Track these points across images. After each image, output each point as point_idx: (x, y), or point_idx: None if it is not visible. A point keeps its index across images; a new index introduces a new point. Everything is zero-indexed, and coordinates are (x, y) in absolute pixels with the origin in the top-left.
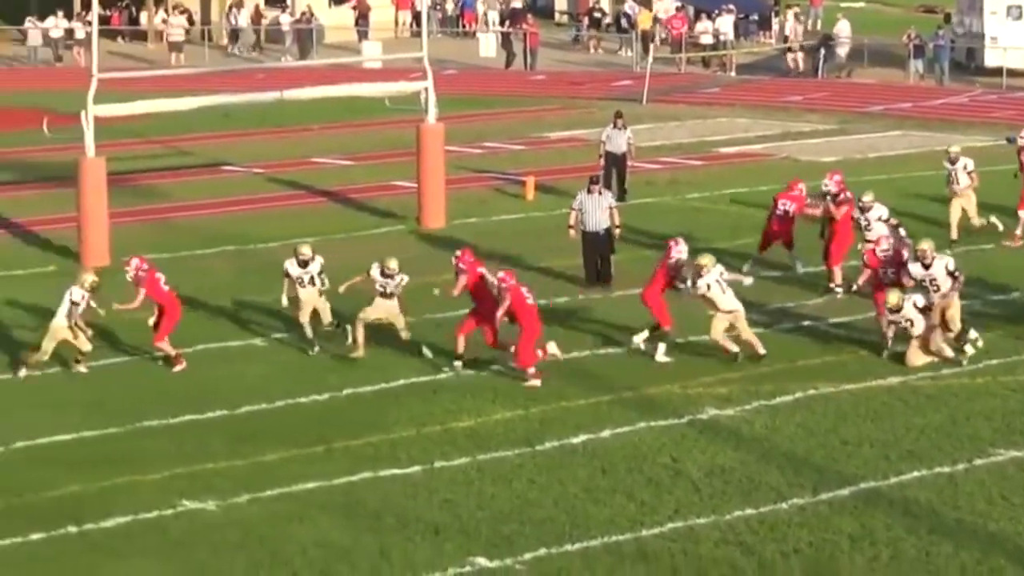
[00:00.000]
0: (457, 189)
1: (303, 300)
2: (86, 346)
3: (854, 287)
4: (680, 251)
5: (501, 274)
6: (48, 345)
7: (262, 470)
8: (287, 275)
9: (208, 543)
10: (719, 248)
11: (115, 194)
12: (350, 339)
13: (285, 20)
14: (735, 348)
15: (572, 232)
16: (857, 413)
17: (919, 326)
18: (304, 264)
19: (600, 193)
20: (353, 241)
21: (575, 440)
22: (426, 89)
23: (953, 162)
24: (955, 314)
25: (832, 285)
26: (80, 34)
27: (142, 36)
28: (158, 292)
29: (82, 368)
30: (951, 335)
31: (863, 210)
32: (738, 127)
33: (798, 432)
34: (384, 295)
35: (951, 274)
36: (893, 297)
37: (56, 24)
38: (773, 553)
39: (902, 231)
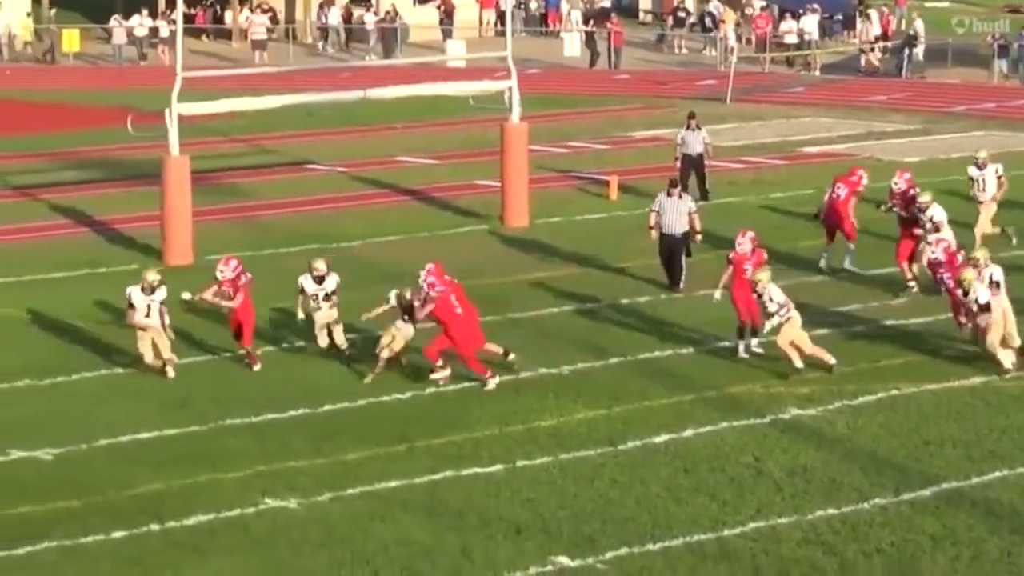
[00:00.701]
0: (540, 188)
1: (317, 320)
2: (165, 354)
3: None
4: (741, 244)
5: (430, 265)
6: (142, 346)
7: (344, 468)
8: (302, 291)
9: (290, 541)
10: (802, 246)
11: (198, 192)
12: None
13: (370, 19)
14: (800, 364)
15: (653, 233)
16: (939, 413)
17: (983, 317)
18: (320, 280)
19: (680, 196)
20: (436, 240)
21: (657, 439)
22: (510, 88)
23: (981, 167)
24: (1011, 328)
25: (907, 281)
26: (164, 32)
27: (226, 35)
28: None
29: (170, 371)
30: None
31: (920, 210)
32: (821, 127)
33: (880, 432)
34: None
35: (994, 284)
36: (968, 274)
37: (140, 23)
38: (855, 553)
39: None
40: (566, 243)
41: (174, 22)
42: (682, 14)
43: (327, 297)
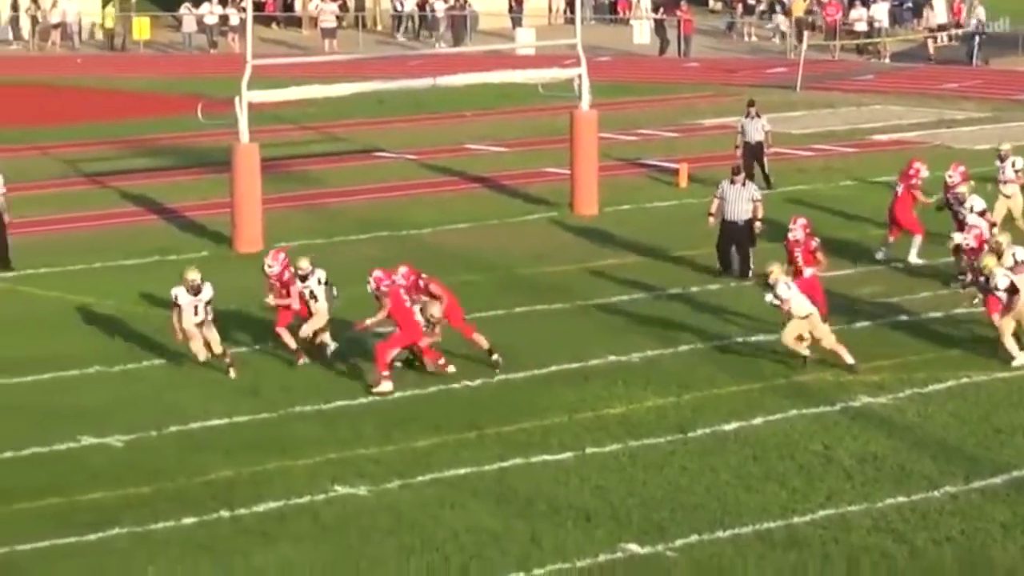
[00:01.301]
0: (610, 176)
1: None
2: (216, 348)
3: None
4: (793, 231)
5: (378, 273)
6: (195, 346)
7: (414, 455)
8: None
9: (359, 528)
10: (871, 235)
11: (268, 180)
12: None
13: (439, 7)
14: (806, 352)
15: (711, 220)
16: (1010, 401)
17: (1014, 300)
18: (304, 279)
19: (743, 184)
20: (505, 227)
21: (727, 427)
22: (580, 76)
23: (1003, 159)
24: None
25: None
26: (234, 20)
27: (296, 22)
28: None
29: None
30: None
31: (959, 202)
32: (892, 115)
33: (950, 420)
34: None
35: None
36: (988, 260)
37: (211, 10)
38: (925, 541)
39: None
40: (635, 231)
41: (244, 10)
42: (752, 1)
43: (313, 295)
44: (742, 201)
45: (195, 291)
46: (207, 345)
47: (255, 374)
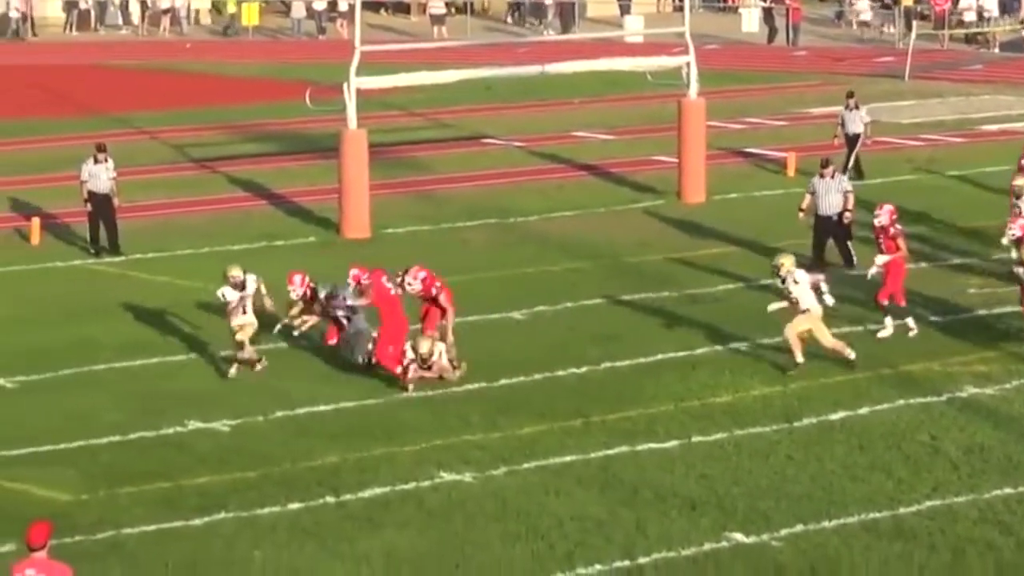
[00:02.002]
0: (717, 164)
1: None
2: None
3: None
4: (878, 217)
5: (354, 272)
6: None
7: (519, 442)
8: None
9: (464, 514)
10: (984, 224)
11: (376, 166)
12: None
13: None
14: (800, 359)
15: (801, 215)
16: None
17: None
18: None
19: (832, 177)
20: (612, 215)
21: (833, 417)
22: (688, 64)
23: (1019, 196)
24: None
25: None
26: (343, 7)
27: (405, 8)
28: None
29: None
30: None
31: (1017, 196)
32: (1001, 104)
33: None
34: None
35: None
36: None
37: None
38: None
39: None
40: (743, 219)
41: None
42: None
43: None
44: (832, 194)
45: (240, 287)
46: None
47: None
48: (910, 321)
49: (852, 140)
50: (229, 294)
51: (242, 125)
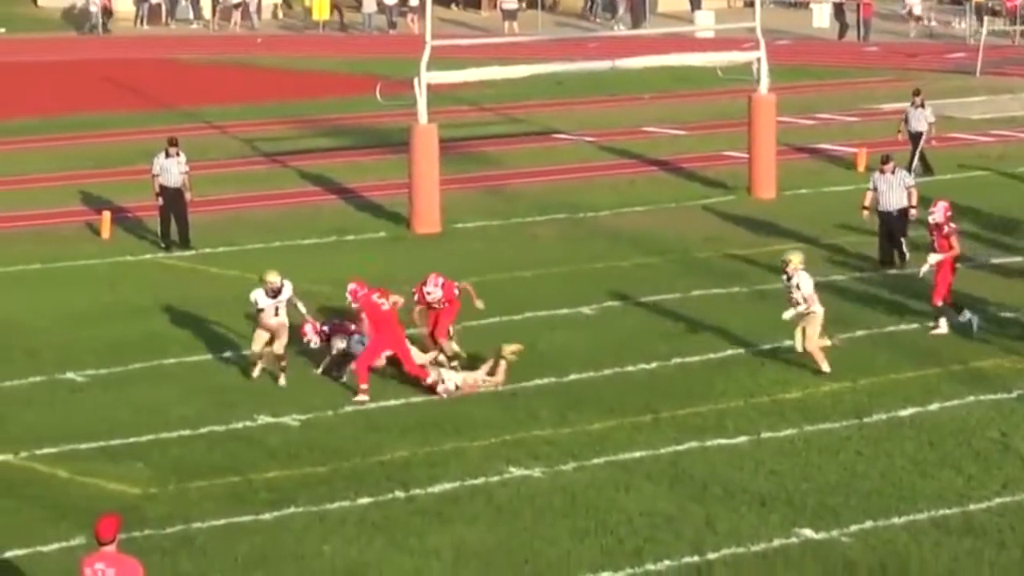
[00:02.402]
0: (787, 160)
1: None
2: (279, 350)
3: None
4: (933, 214)
5: (352, 286)
6: (257, 343)
7: (589, 438)
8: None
9: (533, 510)
10: None
11: (446, 161)
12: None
13: None
14: (826, 368)
15: (864, 212)
16: None
17: None
18: (277, 293)
19: (894, 173)
20: (683, 210)
21: (903, 413)
22: (758, 59)
23: None
24: None
25: None
26: (414, 1)
27: (475, 3)
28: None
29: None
30: None
31: None
32: None
33: None
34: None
35: None
36: None
37: None
38: None
39: None
40: (813, 215)
41: None
42: None
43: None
44: (894, 190)
45: (275, 293)
46: (270, 343)
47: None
48: (972, 319)
49: (916, 138)
50: (262, 299)
51: (313, 120)
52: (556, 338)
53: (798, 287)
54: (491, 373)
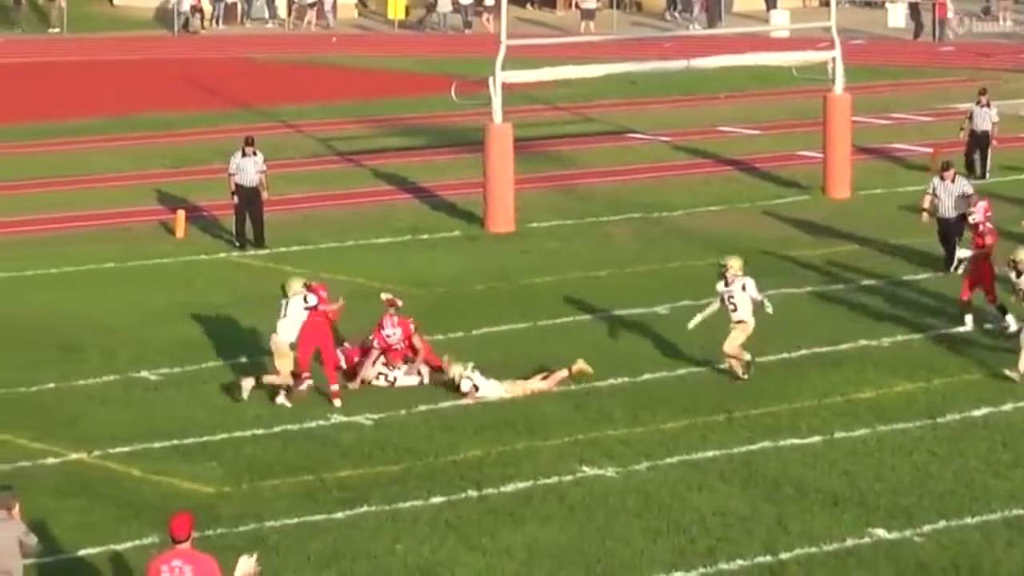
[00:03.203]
0: (862, 160)
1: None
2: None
3: None
4: (974, 215)
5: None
6: (283, 366)
7: (662, 437)
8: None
9: (606, 509)
10: None
11: (521, 160)
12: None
13: None
14: (744, 375)
15: (924, 216)
16: None
17: None
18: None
19: (953, 180)
20: (757, 210)
21: (976, 413)
22: (834, 59)
23: None
24: None
25: None
26: (490, 1)
27: (551, 3)
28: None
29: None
30: None
31: None
32: None
33: None
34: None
35: None
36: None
37: None
38: None
39: None
40: (887, 215)
41: None
42: None
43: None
44: (953, 197)
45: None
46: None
47: (503, 352)
48: (1009, 319)
49: (979, 137)
50: (309, 299)
51: (387, 119)
52: (630, 337)
53: (743, 289)
54: (544, 379)
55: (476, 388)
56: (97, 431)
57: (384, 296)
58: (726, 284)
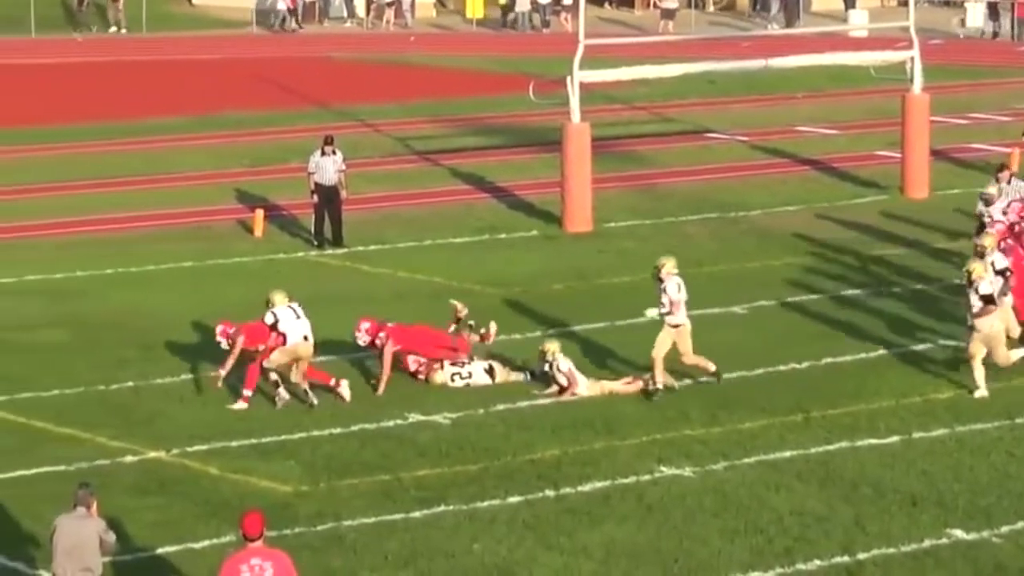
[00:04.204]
0: (941, 159)
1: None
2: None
3: None
4: (1008, 213)
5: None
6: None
7: (739, 437)
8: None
9: (684, 509)
10: None
11: (598, 159)
12: None
13: None
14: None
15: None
16: None
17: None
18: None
19: (1009, 182)
20: (835, 210)
21: None
22: (912, 59)
23: (988, 203)
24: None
25: None
26: (568, 0)
27: (629, 2)
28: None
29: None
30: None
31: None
32: None
33: None
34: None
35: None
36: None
37: None
38: None
39: None
40: (967, 214)
41: None
42: None
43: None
44: (1009, 199)
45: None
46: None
47: (579, 353)
48: None
49: None
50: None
51: (465, 118)
52: (707, 337)
53: (665, 291)
54: (628, 384)
55: (571, 371)
56: (175, 429)
57: (458, 309)
58: (661, 283)
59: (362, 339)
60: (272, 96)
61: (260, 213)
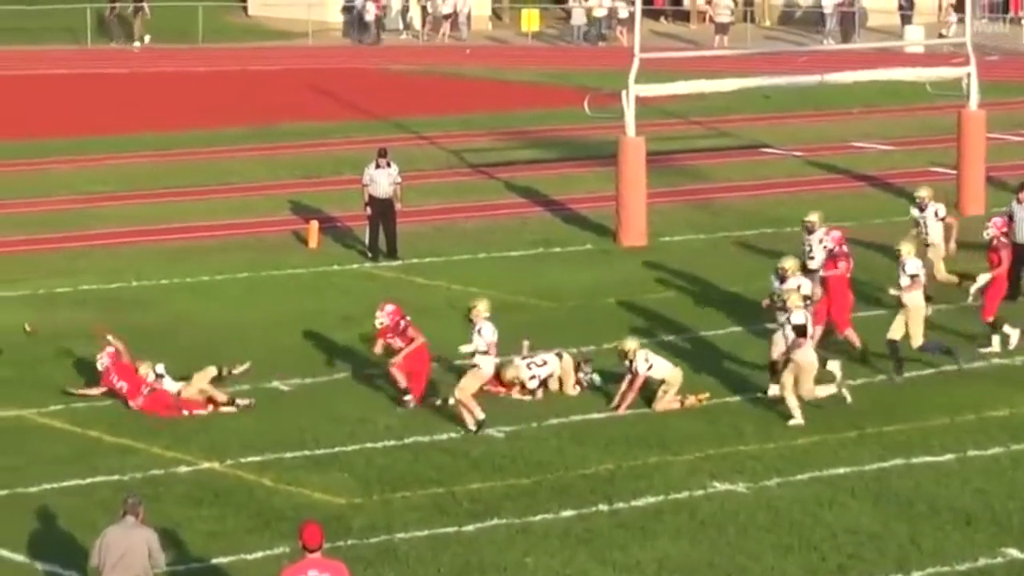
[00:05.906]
0: (996, 177)
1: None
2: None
3: None
4: (987, 228)
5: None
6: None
7: (793, 453)
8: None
9: (737, 525)
10: None
11: (654, 174)
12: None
13: (828, 3)
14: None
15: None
16: None
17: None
18: None
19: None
20: (890, 227)
21: None
22: (968, 75)
23: (922, 209)
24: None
25: None
26: (623, 13)
27: (684, 16)
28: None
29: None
30: None
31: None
32: None
33: None
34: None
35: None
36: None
37: (600, 3)
38: None
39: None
40: None
41: (633, 3)
42: None
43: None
44: None
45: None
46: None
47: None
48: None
49: None
50: None
51: (520, 131)
52: (762, 352)
53: (479, 333)
54: (679, 402)
55: (650, 366)
56: (229, 440)
57: None
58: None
59: (381, 320)
60: (327, 108)
61: (315, 224)
